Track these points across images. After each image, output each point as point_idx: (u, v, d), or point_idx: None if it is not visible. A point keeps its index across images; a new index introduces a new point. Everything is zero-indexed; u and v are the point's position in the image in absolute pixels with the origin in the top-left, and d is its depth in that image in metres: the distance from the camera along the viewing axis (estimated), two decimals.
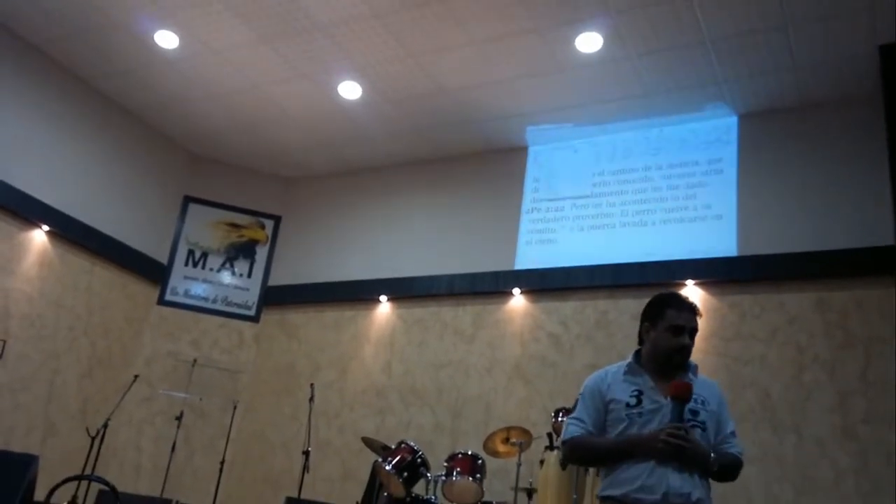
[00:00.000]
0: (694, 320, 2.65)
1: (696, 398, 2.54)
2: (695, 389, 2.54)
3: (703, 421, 2.55)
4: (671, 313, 2.63)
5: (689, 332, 2.63)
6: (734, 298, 5.75)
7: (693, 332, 2.64)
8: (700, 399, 2.58)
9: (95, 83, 7.06)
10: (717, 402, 2.64)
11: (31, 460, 5.65)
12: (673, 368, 2.62)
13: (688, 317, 2.64)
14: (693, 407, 2.54)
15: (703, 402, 2.58)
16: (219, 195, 8.17)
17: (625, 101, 6.30)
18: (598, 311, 6.20)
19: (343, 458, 6.82)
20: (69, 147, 6.88)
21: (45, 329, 6.60)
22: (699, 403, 2.57)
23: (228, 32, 6.06)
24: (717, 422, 2.61)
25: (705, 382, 2.68)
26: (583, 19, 5.44)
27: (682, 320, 2.62)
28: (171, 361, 7.40)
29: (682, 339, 2.61)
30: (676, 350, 2.61)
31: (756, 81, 5.83)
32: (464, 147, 7.31)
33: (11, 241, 6.36)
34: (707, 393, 2.63)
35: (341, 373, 7.22)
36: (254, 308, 7.95)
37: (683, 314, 2.64)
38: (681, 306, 2.65)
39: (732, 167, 6.11)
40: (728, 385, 5.48)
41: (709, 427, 2.56)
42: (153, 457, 7.11)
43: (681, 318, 2.63)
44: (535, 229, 6.78)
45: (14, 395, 6.29)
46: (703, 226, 6.05)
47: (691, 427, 2.48)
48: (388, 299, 7.25)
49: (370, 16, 5.67)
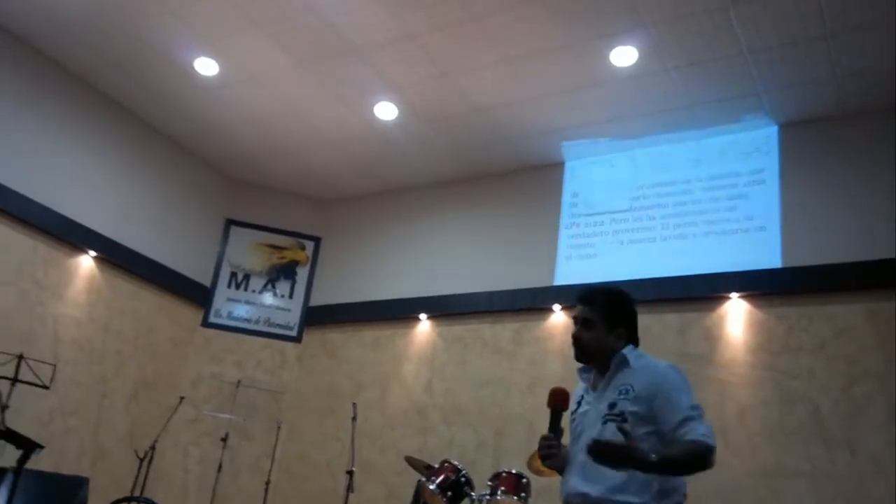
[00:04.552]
0: (579, 310, 2.67)
1: (620, 388, 2.48)
2: (627, 379, 2.49)
3: (620, 412, 2.42)
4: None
5: (580, 322, 2.65)
6: (780, 311, 5.64)
7: (582, 322, 2.65)
8: (624, 389, 2.47)
9: (138, 111, 7.24)
10: (652, 388, 2.43)
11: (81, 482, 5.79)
12: (597, 363, 2.63)
13: (576, 308, 2.69)
14: (613, 399, 2.47)
15: (626, 392, 2.45)
16: (259, 218, 8.29)
17: (662, 114, 6.24)
18: (641, 326, 6.10)
19: (386, 477, 6.82)
20: (114, 174, 7.06)
21: (94, 353, 6.74)
22: (621, 394, 2.46)
23: (266, 58, 6.17)
24: (651, 408, 2.40)
25: (645, 368, 2.52)
26: (617, 33, 5.42)
27: (574, 312, 2.70)
28: (216, 383, 7.49)
29: (573, 333, 2.66)
30: (573, 343, 2.66)
31: (796, 91, 5.74)
32: (500, 164, 7.31)
33: (60, 267, 6.53)
34: (638, 380, 2.47)
35: (383, 392, 7.24)
36: (296, 328, 8.03)
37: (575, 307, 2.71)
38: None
39: (774, 177, 6.00)
40: (777, 400, 5.37)
41: (630, 417, 2.39)
42: (199, 478, 7.19)
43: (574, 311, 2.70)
44: (575, 244, 6.74)
45: (65, 418, 6.42)
46: (745, 238, 5.95)
47: (607, 421, 2.42)
48: (428, 317, 7.26)
49: (404, 37, 5.73)
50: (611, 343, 2.61)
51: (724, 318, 5.84)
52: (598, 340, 2.62)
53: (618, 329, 2.63)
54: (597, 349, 2.62)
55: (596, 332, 2.62)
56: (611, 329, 2.63)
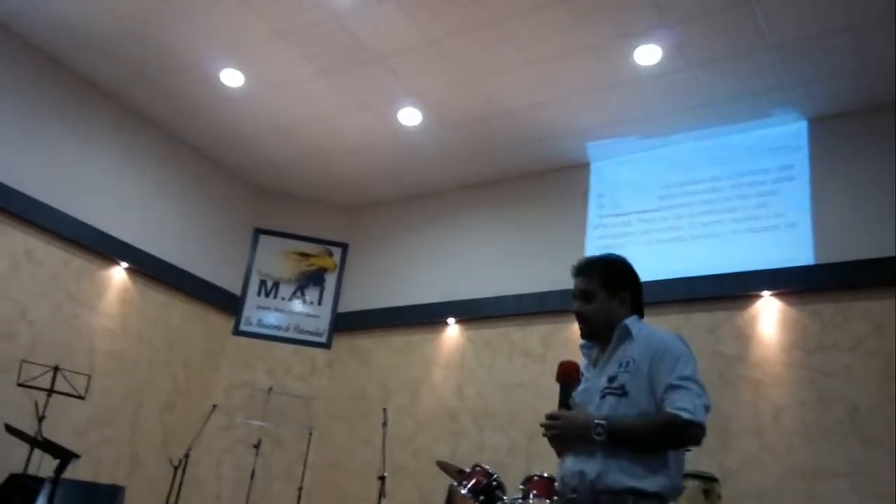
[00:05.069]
0: (575, 283, 2.50)
1: (621, 361, 2.32)
2: (629, 351, 2.33)
3: (621, 385, 2.27)
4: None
5: (579, 296, 2.49)
6: (814, 308, 5.54)
7: (581, 294, 2.48)
8: (625, 361, 2.31)
9: (165, 123, 7.34)
10: (650, 358, 2.27)
11: (118, 491, 5.86)
12: (599, 337, 2.46)
13: (574, 282, 2.52)
14: (613, 373, 2.31)
15: (627, 364, 2.30)
16: (287, 225, 8.36)
17: (688, 112, 6.18)
18: (671, 326, 6.04)
19: (418, 482, 6.82)
20: (143, 186, 7.16)
21: (128, 363, 6.83)
22: (621, 367, 2.31)
23: (290, 67, 6.22)
24: (651, 379, 2.24)
25: (648, 338, 2.35)
26: (640, 32, 5.38)
27: (572, 288, 2.52)
28: (248, 390, 7.55)
29: (574, 309, 2.50)
30: (577, 321, 2.50)
31: (825, 85, 5.65)
32: (525, 166, 7.29)
33: (93, 279, 6.63)
34: (639, 352, 2.31)
35: (413, 397, 7.24)
36: (325, 335, 8.07)
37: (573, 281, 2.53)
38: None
39: (804, 173, 5.91)
40: (815, 399, 5.29)
41: (631, 389, 2.25)
42: (233, 485, 7.25)
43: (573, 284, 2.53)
44: (603, 245, 6.69)
45: (100, 428, 6.52)
46: (776, 235, 5.86)
47: (605, 395, 2.27)
48: (457, 321, 7.26)
49: (425, 43, 5.74)
50: (615, 310, 2.44)
51: (756, 316, 5.76)
52: (600, 310, 2.44)
53: (621, 293, 2.46)
54: (602, 320, 2.44)
55: (597, 303, 2.44)
56: (612, 295, 2.45)
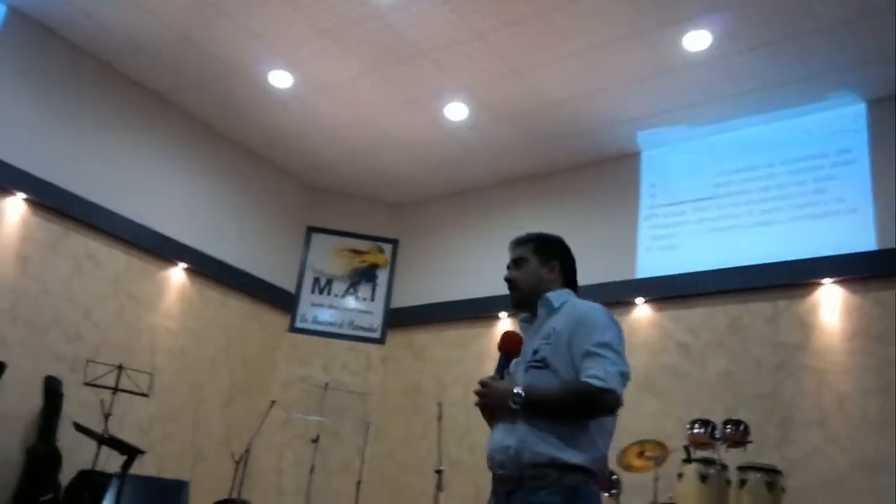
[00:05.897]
0: (513, 253, 2.47)
1: (545, 334, 2.24)
2: (551, 323, 2.26)
3: (542, 358, 2.19)
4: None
5: (512, 265, 2.45)
6: (878, 295, 5.38)
7: (513, 262, 2.45)
8: (547, 333, 2.23)
9: (217, 126, 7.49)
10: (571, 327, 2.19)
11: (182, 486, 6.03)
12: (529, 306, 2.40)
13: (511, 254, 2.49)
14: (537, 345, 2.23)
15: (549, 336, 2.22)
16: (338, 223, 8.46)
17: (740, 97, 6.05)
18: (729, 317, 5.95)
19: (475, 476, 6.84)
20: (198, 188, 7.32)
21: (188, 361, 7.01)
22: (545, 339, 2.22)
23: (336, 67, 6.29)
24: (570, 349, 2.16)
25: (571, 309, 2.28)
26: (688, 18, 5.29)
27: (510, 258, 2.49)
28: (305, 386, 7.67)
29: (506, 276, 2.46)
30: (508, 288, 2.45)
31: (882, 66, 5.46)
32: (574, 158, 7.23)
33: (153, 280, 6.82)
34: (562, 322, 2.24)
35: (467, 391, 7.25)
36: (379, 330, 8.15)
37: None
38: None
39: (864, 157, 5.74)
40: (880, 388, 5.14)
41: (553, 361, 2.17)
42: (293, 479, 7.39)
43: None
44: (656, 235, 6.61)
45: (164, 425, 6.71)
46: (836, 221, 5.70)
47: (528, 368, 2.20)
48: (508, 315, 7.25)
49: (471, 37, 5.73)
50: (544, 277, 2.39)
51: (817, 304, 5.61)
52: (529, 275, 2.40)
53: (551, 262, 2.41)
54: (530, 285, 2.39)
55: (527, 267, 2.41)
56: (543, 263, 2.41)
